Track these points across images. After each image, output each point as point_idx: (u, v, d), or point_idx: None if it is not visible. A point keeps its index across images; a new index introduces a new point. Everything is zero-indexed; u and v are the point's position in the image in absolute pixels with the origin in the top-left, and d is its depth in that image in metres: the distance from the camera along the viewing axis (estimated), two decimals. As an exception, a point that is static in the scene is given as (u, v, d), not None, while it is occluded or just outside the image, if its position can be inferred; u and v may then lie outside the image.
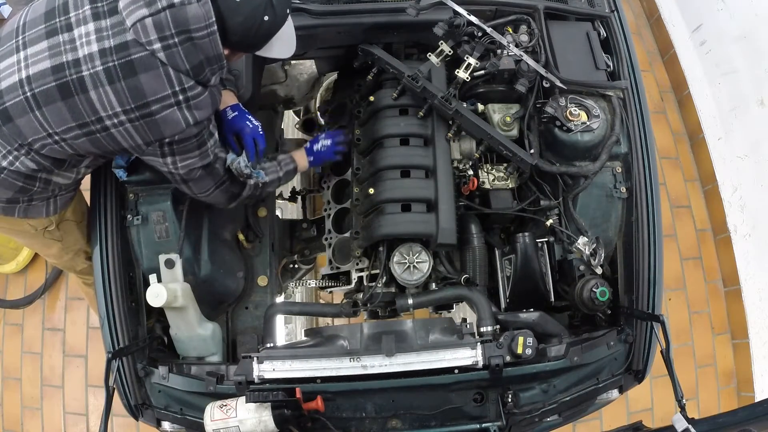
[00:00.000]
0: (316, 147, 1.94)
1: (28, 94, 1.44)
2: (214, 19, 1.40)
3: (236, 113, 1.76)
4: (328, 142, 1.95)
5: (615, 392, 1.79)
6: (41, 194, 1.67)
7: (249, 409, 1.50)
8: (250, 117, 1.77)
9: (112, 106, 1.42)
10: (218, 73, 1.51)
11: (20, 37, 1.48)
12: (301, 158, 1.92)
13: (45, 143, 1.49)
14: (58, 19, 1.45)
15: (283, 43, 1.59)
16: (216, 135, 1.62)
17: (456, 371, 1.57)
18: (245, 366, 1.57)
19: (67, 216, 1.84)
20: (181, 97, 1.44)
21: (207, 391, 1.59)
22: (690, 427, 1.30)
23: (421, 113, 1.84)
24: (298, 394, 1.48)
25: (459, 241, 1.82)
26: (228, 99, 1.76)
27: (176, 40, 1.39)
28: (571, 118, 1.79)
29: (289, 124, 2.71)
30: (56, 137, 1.48)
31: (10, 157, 1.53)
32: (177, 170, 1.58)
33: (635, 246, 1.80)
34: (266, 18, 1.47)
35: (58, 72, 1.42)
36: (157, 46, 1.39)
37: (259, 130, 1.77)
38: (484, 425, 1.61)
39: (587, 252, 1.75)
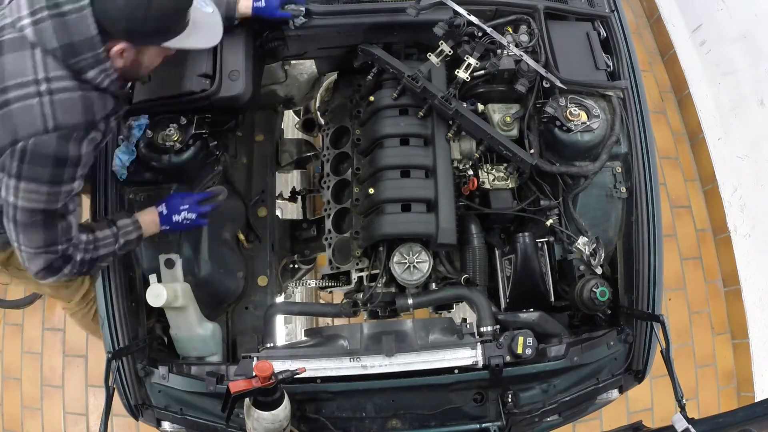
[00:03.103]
0: (176, 218, 1.66)
1: None
2: None
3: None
4: (193, 216, 1.68)
5: (615, 392, 1.79)
6: None
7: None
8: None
9: None
10: (97, 68, 1.32)
11: None
12: (151, 223, 1.66)
13: None
14: None
15: (201, 33, 1.42)
16: (77, 187, 1.40)
17: (456, 371, 1.57)
18: (245, 366, 1.57)
19: None
20: (43, 87, 1.27)
21: (207, 391, 1.59)
22: (690, 427, 1.30)
23: (421, 113, 1.84)
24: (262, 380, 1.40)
25: (459, 241, 1.82)
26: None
27: (46, 13, 1.24)
28: (571, 118, 1.79)
29: (289, 124, 2.71)
30: None
31: None
32: (16, 200, 1.33)
33: (635, 246, 1.80)
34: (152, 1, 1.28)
35: None
36: (27, 21, 1.25)
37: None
38: (484, 425, 1.61)
39: (587, 252, 1.75)
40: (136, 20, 1.28)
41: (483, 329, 1.71)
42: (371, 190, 1.83)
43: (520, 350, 1.57)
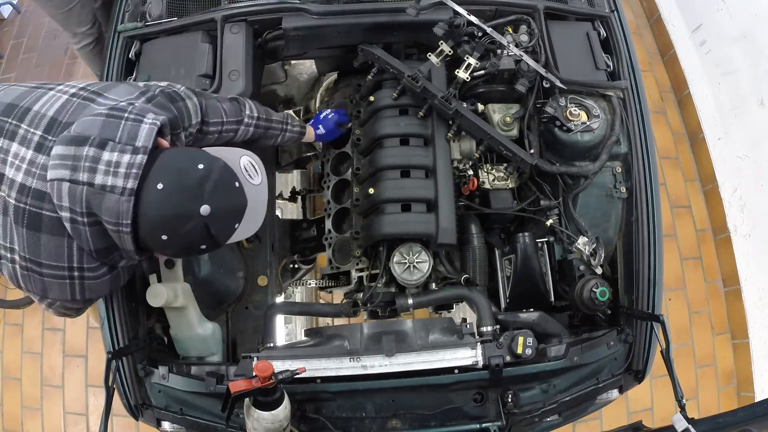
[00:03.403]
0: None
1: None
2: (129, 221, 1.22)
3: None
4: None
5: (615, 392, 1.79)
6: None
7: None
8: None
9: (12, 240, 1.28)
10: (128, 260, 1.36)
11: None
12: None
13: None
14: (10, 120, 1.30)
15: (245, 219, 1.36)
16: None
17: (456, 371, 1.57)
18: (245, 366, 1.57)
19: None
20: (76, 274, 1.30)
21: (207, 391, 1.59)
22: (690, 427, 1.30)
23: (421, 113, 1.84)
24: (262, 380, 1.40)
25: (459, 241, 1.82)
26: None
27: (85, 220, 1.23)
28: (571, 118, 1.79)
29: (289, 124, 2.71)
30: None
31: None
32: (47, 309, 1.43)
33: (635, 246, 1.80)
34: (203, 247, 1.30)
35: None
36: (66, 215, 1.22)
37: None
38: (484, 425, 1.61)
39: (587, 252, 1.75)
40: (179, 251, 1.35)
41: (483, 329, 1.71)
42: (371, 190, 1.83)
43: (520, 350, 1.57)
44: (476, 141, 1.89)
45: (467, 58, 1.78)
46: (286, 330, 2.74)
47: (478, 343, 1.58)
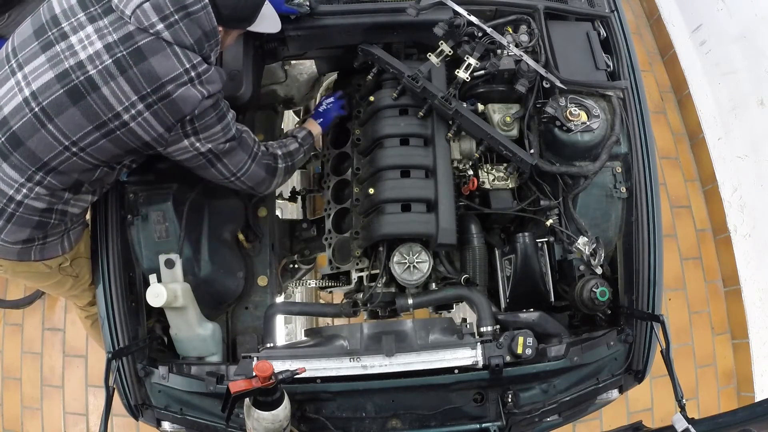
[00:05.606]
0: (321, 109, 2.00)
1: (36, 109, 1.43)
2: None
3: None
4: (331, 99, 2.01)
5: (615, 392, 1.79)
6: (56, 229, 1.65)
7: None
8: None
9: (127, 96, 1.43)
10: (215, 49, 1.55)
11: (13, 61, 1.47)
12: (311, 124, 1.96)
13: (62, 159, 1.47)
14: (50, 32, 1.45)
15: (269, 19, 1.68)
16: (233, 112, 1.65)
17: (456, 371, 1.57)
18: (245, 366, 1.57)
19: (81, 251, 1.83)
20: (193, 74, 1.48)
21: (207, 391, 1.59)
22: (690, 427, 1.30)
23: (421, 113, 1.85)
24: (262, 380, 1.41)
25: (459, 241, 1.82)
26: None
27: (176, 17, 1.43)
28: (571, 118, 1.79)
29: (289, 124, 2.71)
30: (74, 148, 1.46)
31: (24, 190, 1.51)
32: (205, 147, 1.58)
33: (635, 246, 1.80)
34: None
35: (63, 78, 1.42)
36: (160, 26, 1.42)
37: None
38: (484, 425, 1.61)
39: (587, 252, 1.75)
40: (237, 8, 1.53)
41: (483, 329, 1.71)
42: (371, 190, 1.83)
43: (520, 350, 1.57)
44: (476, 141, 1.89)
45: (467, 58, 1.78)
46: (286, 330, 2.75)
47: (478, 343, 1.58)
